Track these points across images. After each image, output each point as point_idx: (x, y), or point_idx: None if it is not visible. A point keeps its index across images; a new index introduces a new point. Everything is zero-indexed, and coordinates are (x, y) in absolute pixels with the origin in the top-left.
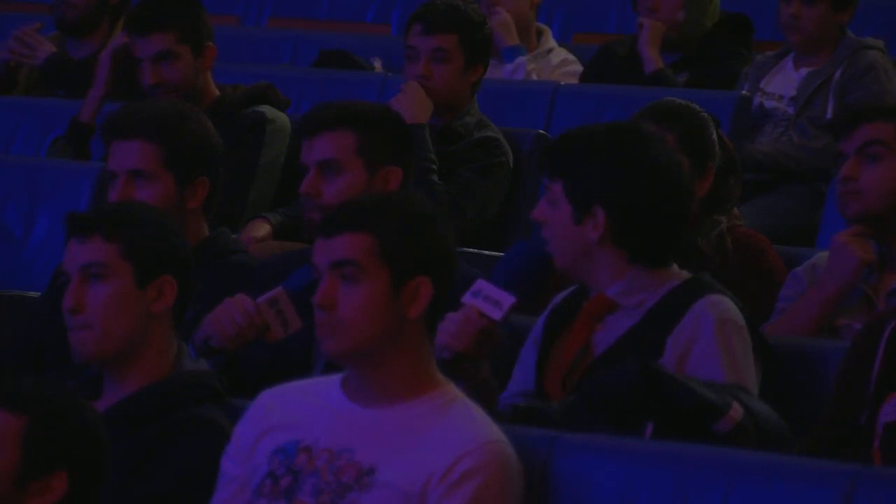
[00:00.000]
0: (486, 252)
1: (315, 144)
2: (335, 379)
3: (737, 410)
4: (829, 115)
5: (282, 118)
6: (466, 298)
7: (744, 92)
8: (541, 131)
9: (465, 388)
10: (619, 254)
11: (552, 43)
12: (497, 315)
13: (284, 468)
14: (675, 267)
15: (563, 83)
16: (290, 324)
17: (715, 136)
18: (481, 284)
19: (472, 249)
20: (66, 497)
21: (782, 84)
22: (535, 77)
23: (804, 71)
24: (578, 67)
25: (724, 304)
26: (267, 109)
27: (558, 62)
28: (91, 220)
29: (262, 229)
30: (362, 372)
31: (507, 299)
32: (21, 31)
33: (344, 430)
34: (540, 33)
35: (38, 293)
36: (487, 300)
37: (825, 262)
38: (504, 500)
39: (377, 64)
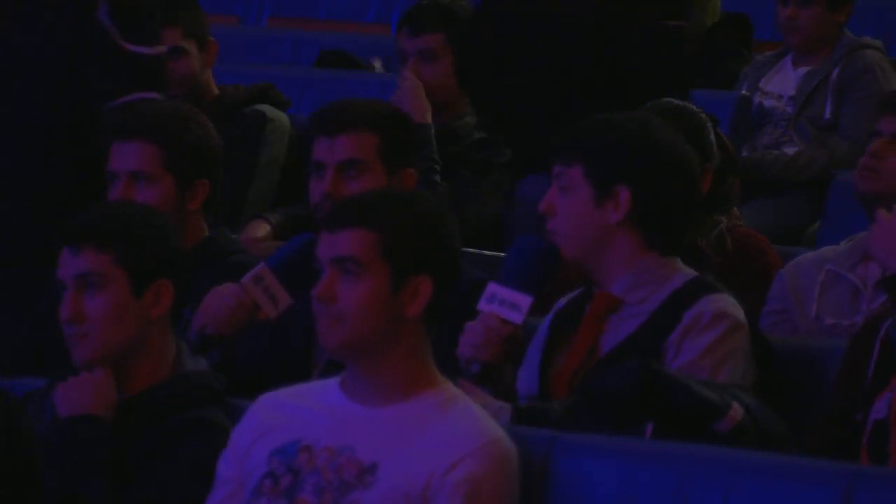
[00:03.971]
0: (486, 252)
1: (337, 144)
2: (333, 381)
3: (737, 410)
4: (828, 114)
5: (282, 118)
6: (482, 306)
7: (743, 92)
8: None
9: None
10: (636, 238)
11: None
12: (518, 318)
13: (284, 468)
14: (680, 262)
15: None
16: (280, 300)
17: (713, 136)
18: (494, 288)
19: (472, 249)
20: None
21: (782, 83)
22: None
23: (803, 70)
24: None
25: (722, 302)
26: (267, 109)
27: None
28: (83, 229)
29: (261, 229)
30: (360, 369)
31: (525, 300)
32: None
33: (344, 428)
34: None
35: None
36: (504, 304)
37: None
38: (506, 497)
39: (377, 64)
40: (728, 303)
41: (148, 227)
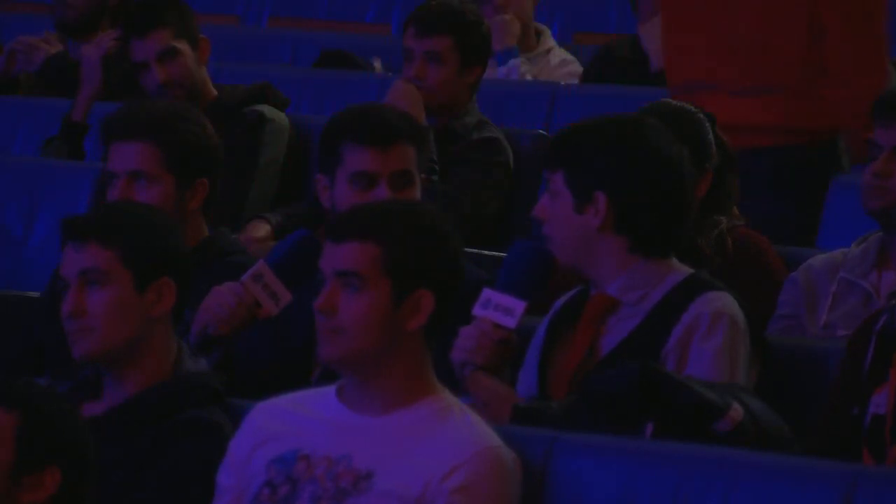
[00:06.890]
0: (487, 252)
1: (390, 156)
2: (330, 390)
3: (737, 410)
4: None
5: (281, 117)
6: (477, 311)
7: None
8: (541, 131)
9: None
10: (619, 242)
11: (551, 43)
12: (511, 323)
13: (283, 477)
14: (676, 261)
15: (563, 83)
16: (280, 297)
17: (711, 136)
18: (489, 294)
19: (472, 249)
20: (59, 493)
21: None
22: (528, 78)
23: None
24: (578, 68)
25: (720, 301)
26: (266, 109)
27: (557, 63)
28: (87, 225)
29: (261, 229)
30: (358, 379)
31: (518, 305)
32: (21, 39)
33: (341, 437)
34: (539, 34)
35: (38, 293)
36: (499, 309)
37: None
38: None
39: (377, 64)
40: (724, 301)
41: (153, 225)
